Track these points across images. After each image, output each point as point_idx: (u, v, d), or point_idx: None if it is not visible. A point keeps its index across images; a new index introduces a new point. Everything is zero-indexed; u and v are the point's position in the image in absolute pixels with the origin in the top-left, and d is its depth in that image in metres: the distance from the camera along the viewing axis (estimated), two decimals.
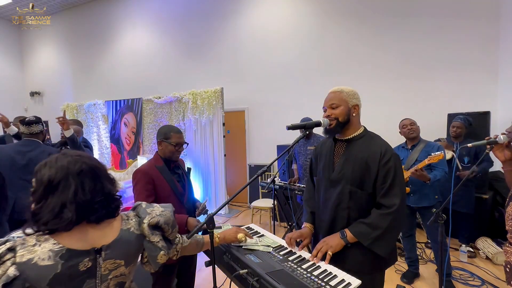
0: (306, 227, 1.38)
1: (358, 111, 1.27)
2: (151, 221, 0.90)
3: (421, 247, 3.14)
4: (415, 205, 2.41)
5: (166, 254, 0.94)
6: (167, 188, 1.59)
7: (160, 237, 0.93)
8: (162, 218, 0.93)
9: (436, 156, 2.13)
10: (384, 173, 1.17)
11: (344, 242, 1.18)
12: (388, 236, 1.16)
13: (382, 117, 4.15)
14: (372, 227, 1.15)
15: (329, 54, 4.57)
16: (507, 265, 1.20)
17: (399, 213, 1.15)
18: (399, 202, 1.14)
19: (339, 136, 1.30)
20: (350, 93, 1.25)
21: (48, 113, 7.49)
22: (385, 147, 1.20)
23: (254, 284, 0.96)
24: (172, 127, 1.69)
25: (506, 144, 1.22)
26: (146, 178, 1.56)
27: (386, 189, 1.16)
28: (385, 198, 1.16)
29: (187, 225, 1.53)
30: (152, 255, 0.92)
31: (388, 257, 1.21)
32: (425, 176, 2.20)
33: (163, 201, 1.57)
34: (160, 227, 0.93)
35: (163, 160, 1.65)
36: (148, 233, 0.90)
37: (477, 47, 3.72)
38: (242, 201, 5.28)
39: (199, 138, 4.91)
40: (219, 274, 1.17)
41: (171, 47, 5.89)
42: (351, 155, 1.23)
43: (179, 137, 1.64)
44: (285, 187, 3.20)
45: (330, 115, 1.25)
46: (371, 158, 1.18)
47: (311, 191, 1.48)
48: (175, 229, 0.98)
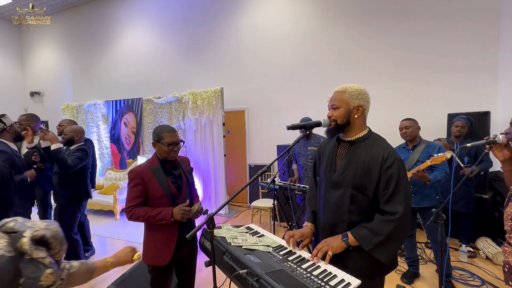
0: (307, 227, 1.38)
1: (363, 112, 1.21)
2: (35, 234, 0.74)
3: (421, 247, 3.14)
4: (416, 206, 2.40)
5: (53, 273, 0.76)
6: (159, 189, 1.58)
7: (46, 253, 0.77)
8: (48, 231, 0.78)
9: (439, 158, 2.12)
10: (386, 179, 1.13)
11: (346, 245, 1.16)
12: (390, 243, 1.13)
13: (382, 117, 4.15)
14: (373, 233, 1.12)
15: (329, 54, 4.57)
16: (506, 265, 1.20)
17: (402, 221, 1.11)
18: (403, 210, 1.10)
19: (342, 136, 1.28)
20: (353, 93, 1.20)
21: (48, 113, 7.51)
22: (388, 151, 1.15)
23: (253, 284, 0.96)
24: (165, 126, 1.65)
25: (505, 143, 1.23)
26: (137, 179, 1.56)
27: (388, 195, 1.12)
28: (388, 205, 1.13)
29: (173, 216, 1.52)
30: (33, 277, 0.72)
31: (389, 264, 1.19)
32: (425, 177, 2.20)
33: (155, 202, 1.58)
34: (47, 242, 0.77)
35: (159, 161, 1.64)
36: (30, 249, 0.73)
37: (477, 48, 3.72)
38: (242, 201, 5.28)
39: (199, 138, 4.92)
40: (219, 274, 1.17)
41: (171, 47, 5.89)
42: (354, 157, 1.20)
43: (171, 136, 1.60)
44: (285, 187, 3.20)
45: (330, 116, 1.23)
46: (373, 162, 1.15)
47: (313, 190, 1.46)
48: (63, 247, 0.83)
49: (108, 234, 3.95)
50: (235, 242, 1.24)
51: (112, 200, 4.63)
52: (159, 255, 1.58)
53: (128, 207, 1.55)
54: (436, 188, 2.36)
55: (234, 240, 1.26)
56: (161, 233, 1.59)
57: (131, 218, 1.54)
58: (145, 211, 1.53)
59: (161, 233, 1.59)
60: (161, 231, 1.59)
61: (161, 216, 1.52)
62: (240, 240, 1.26)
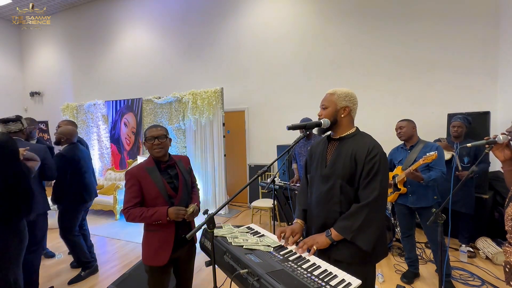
0: (297, 223, 1.42)
1: (349, 112, 1.32)
2: None
3: (421, 247, 3.15)
4: (413, 205, 2.41)
5: None
6: (154, 189, 1.58)
7: None
8: None
9: (429, 157, 2.14)
10: (368, 169, 1.21)
11: (330, 240, 1.23)
12: (367, 228, 1.18)
13: (382, 117, 4.16)
14: (351, 220, 1.20)
15: (330, 55, 4.58)
16: (507, 265, 1.21)
17: (375, 205, 1.19)
18: (376, 195, 1.18)
19: (332, 135, 1.38)
20: (341, 95, 1.31)
21: (48, 113, 7.51)
22: (373, 144, 1.25)
23: (254, 284, 0.97)
24: (152, 125, 1.67)
25: (505, 143, 1.23)
26: (133, 180, 1.57)
27: (366, 183, 1.21)
28: (364, 190, 1.21)
29: (168, 215, 1.53)
30: None
31: (374, 252, 1.22)
32: (418, 177, 2.23)
33: (151, 203, 1.58)
34: None
35: (154, 161, 1.64)
36: None
37: (477, 48, 3.72)
38: (242, 201, 5.28)
39: (199, 138, 4.92)
40: (219, 274, 1.17)
41: (171, 47, 5.90)
42: (342, 151, 1.29)
43: (151, 131, 1.61)
44: (285, 187, 3.20)
45: (320, 115, 1.35)
46: (359, 154, 1.24)
47: (304, 189, 1.51)
48: None
49: (108, 234, 3.95)
50: (236, 242, 1.24)
51: (112, 200, 4.63)
52: (156, 255, 1.59)
53: (125, 208, 1.56)
54: (433, 188, 2.36)
55: (235, 240, 1.26)
56: (158, 233, 1.60)
57: (129, 218, 1.54)
58: (141, 212, 1.53)
59: (158, 234, 1.60)
60: (158, 232, 1.59)
61: (156, 216, 1.52)
62: (241, 240, 1.27)
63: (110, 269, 2.92)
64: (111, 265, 3.00)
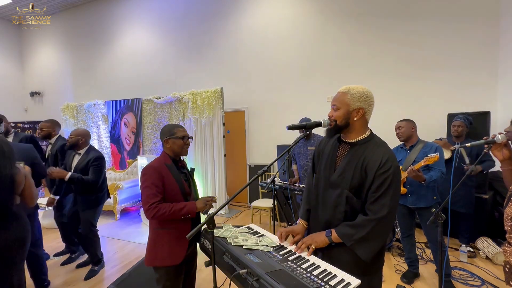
0: (300, 224, 1.40)
1: (363, 114, 1.19)
2: None
3: (421, 247, 3.15)
4: (413, 206, 2.41)
5: None
6: (175, 187, 1.55)
7: None
8: None
9: (431, 158, 2.14)
10: (379, 183, 1.12)
11: (329, 241, 1.20)
12: (371, 241, 1.14)
13: (382, 117, 4.15)
14: (355, 229, 1.15)
15: (330, 54, 4.58)
16: (506, 265, 1.21)
17: (384, 222, 1.13)
18: (386, 212, 1.11)
19: (343, 137, 1.28)
20: (355, 95, 1.17)
21: (48, 113, 7.51)
22: (387, 156, 1.14)
23: (254, 284, 0.97)
24: (174, 124, 1.69)
25: (504, 143, 1.23)
26: (156, 175, 1.51)
27: (376, 197, 1.13)
28: (373, 205, 1.14)
29: (197, 208, 1.55)
30: None
31: (374, 262, 1.19)
32: (420, 177, 2.21)
33: (170, 200, 1.54)
34: None
35: (171, 159, 1.64)
36: None
37: (477, 48, 3.72)
38: (242, 201, 5.28)
39: (199, 138, 4.92)
40: (219, 274, 1.17)
41: (171, 47, 5.90)
42: (353, 159, 1.20)
43: (183, 131, 1.66)
44: (285, 187, 3.20)
45: (330, 116, 1.23)
46: (370, 166, 1.15)
47: (310, 188, 1.46)
48: None
49: (108, 234, 3.95)
50: (235, 242, 1.24)
51: (112, 200, 4.63)
52: (172, 254, 1.54)
53: (152, 203, 1.46)
54: (433, 189, 2.36)
55: (234, 240, 1.27)
56: (174, 231, 1.55)
57: (156, 214, 1.45)
58: (171, 207, 1.48)
59: (173, 232, 1.55)
60: (174, 229, 1.55)
61: (186, 210, 1.50)
62: (241, 240, 1.27)
63: (110, 269, 2.92)
64: (111, 265, 3.00)
